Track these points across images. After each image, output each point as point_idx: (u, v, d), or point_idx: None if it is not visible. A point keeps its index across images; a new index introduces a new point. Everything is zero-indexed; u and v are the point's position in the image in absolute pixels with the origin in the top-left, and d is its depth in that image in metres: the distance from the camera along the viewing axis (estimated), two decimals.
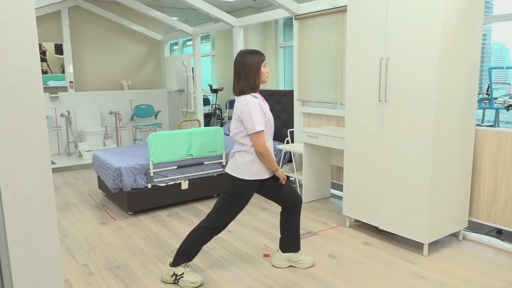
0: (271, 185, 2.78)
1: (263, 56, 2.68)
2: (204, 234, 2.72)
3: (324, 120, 4.79)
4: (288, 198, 2.81)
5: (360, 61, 3.35)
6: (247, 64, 2.60)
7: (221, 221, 2.71)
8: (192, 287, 2.69)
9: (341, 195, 4.55)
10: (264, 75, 2.67)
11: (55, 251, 1.46)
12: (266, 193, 2.81)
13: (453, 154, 3.10)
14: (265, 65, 2.67)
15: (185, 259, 2.73)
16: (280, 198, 2.81)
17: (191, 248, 2.72)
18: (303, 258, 2.94)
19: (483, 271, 2.85)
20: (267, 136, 2.67)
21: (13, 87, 1.32)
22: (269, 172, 2.72)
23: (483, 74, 4.89)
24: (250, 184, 2.68)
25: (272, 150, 2.71)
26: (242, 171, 2.64)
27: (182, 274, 2.71)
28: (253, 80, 2.61)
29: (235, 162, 2.67)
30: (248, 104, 2.55)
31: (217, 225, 2.71)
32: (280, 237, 2.94)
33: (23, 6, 1.31)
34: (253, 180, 2.67)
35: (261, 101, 2.65)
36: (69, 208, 4.37)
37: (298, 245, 2.93)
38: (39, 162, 1.38)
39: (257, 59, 2.62)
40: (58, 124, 7.04)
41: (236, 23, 6.02)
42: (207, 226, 2.70)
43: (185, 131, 4.34)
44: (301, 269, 2.91)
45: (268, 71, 2.70)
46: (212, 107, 8.73)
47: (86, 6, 7.16)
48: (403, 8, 2.99)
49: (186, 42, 10.57)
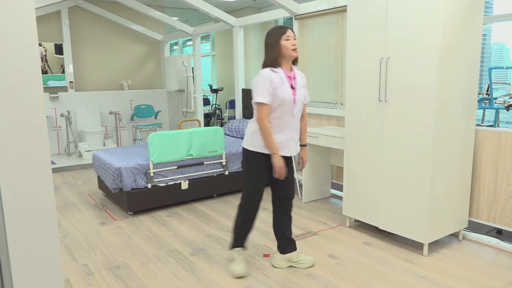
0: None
1: (284, 29, 2.61)
2: (239, 214, 2.82)
3: (324, 120, 4.79)
4: (281, 190, 2.82)
5: (360, 61, 3.35)
6: (266, 40, 2.65)
7: (245, 196, 2.78)
8: (234, 276, 2.81)
9: (341, 195, 4.55)
10: (286, 48, 2.59)
11: (55, 251, 1.46)
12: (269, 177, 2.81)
13: (453, 154, 3.10)
14: (289, 38, 2.59)
15: (238, 243, 2.85)
16: (275, 186, 2.83)
17: (236, 231, 2.85)
18: (303, 258, 2.94)
19: (483, 271, 2.85)
20: (278, 112, 2.61)
21: (13, 87, 1.32)
22: (283, 151, 2.69)
23: (483, 74, 4.89)
24: (254, 155, 2.70)
25: (289, 129, 2.66)
26: (246, 141, 2.71)
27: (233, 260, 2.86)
28: (271, 55, 2.61)
29: (246, 131, 2.76)
30: (259, 75, 2.59)
31: (243, 201, 2.78)
32: (276, 238, 2.96)
33: (23, 6, 1.31)
34: (255, 152, 2.68)
35: (281, 75, 2.60)
36: (69, 208, 4.37)
37: (293, 245, 2.93)
38: (39, 162, 1.38)
39: (275, 34, 2.60)
40: (58, 124, 7.04)
41: (236, 23, 6.02)
42: (239, 204, 2.81)
43: (185, 131, 4.34)
44: (301, 269, 2.91)
45: (295, 44, 2.61)
46: (212, 107, 8.73)
47: (86, 6, 7.16)
48: (403, 8, 2.99)
49: (186, 42, 10.57)
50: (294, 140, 2.75)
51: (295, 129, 2.73)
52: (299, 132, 2.79)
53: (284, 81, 2.60)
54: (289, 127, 2.68)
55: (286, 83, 2.61)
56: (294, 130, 2.73)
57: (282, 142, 2.68)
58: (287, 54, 2.61)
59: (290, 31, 2.62)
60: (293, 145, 2.75)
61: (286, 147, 2.70)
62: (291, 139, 2.72)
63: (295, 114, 2.68)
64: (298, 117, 2.73)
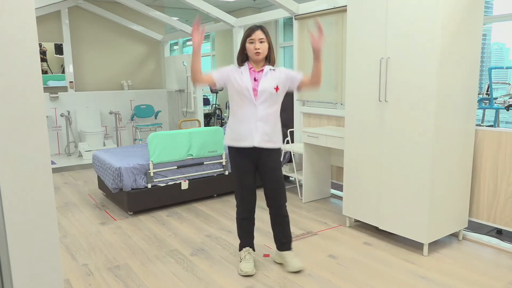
0: (262, 171, 2.80)
1: (251, 31, 2.65)
2: (236, 215, 2.91)
3: (324, 120, 4.79)
4: (267, 192, 2.83)
5: (360, 61, 3.35)
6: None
7: (235, 193, 2.88)
8: (240, 274, 2.85)
9: (341, 195, 4.55)
10: (249, 51, 2.68)
11: (55, 251, 1.46)
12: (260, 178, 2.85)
13: (453, 154, 3.10)
14: (253, 41, 2.64)
15: (243, 244, 2.93)
16: (264, 187, 2.84)
17: (239, 231, 2.94)
18: (290, 260, 2.87)
19: (483, 271, 2.85)
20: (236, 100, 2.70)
21: (13, 87, 1.32)
22: (245, 142, 2.69)
23: (483, 74, 4.89)
24: (230, 151, 2.80)
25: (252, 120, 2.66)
26: (225, 135, 2.82)
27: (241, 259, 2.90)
28: (238, 53, 2.76)
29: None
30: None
31: (236, 200, 2.88)
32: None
33: (23, 6, 1.31)
34: (230, 146, 2.78)
35: (242, 70, 2.70)
36: (69, 208, 4.37)
37: (286, 245, 2.91)
38: (39, 162, 1.38)
39: (244, 34, 2.71)
40: (58, 124, 7.04)
41: (236, 23, 6.02)
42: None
43: (185, 131, 4.34)
44: (301, 269, 2.91)
45: (258, 48, 2.63)
46: (212, 107, 8.73)
47: (86, 6, 7.16)
48: (403, 8, 2.99)
49: (186, 42, 10.56)
50: (259, 131, 2.67)
51: (261, 119, 2.66)
52: (271, 125, 2.71)
53: (244, 74, 2.69)
54: (252, 117, 2.66)
55: (246, 75, 2.69)
56: (260, 120, 2.66)
57: (244, 134, 2.68)
58: (250, 56, 2.70)
59: (257, 32, 2.63)
60: (257, 136, 2.67)
61: (248, 138, 2.68)
62: (255, 130, 2.67)
63: (258, 103, 2.65)
64: (266, 108, 2.67)
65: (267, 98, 2.67)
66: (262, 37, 2.65)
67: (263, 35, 2.65)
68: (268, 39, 2.69)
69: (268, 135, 2.71)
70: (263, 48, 2.65)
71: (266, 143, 2.71)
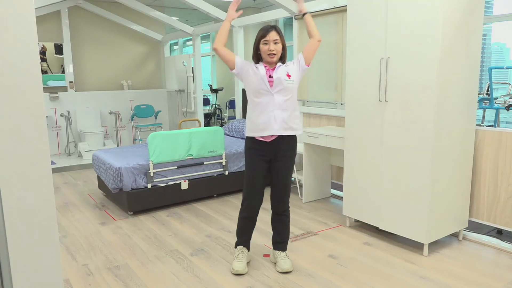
0: (274, 169, 2.79)
1: (265, 31, 2.62)
2: (239, 211, 2.88)
3: (324, 120, 4.79)
4: (272, 190, 2.84)
5: (360, 61, 3.35)
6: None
7: (243, 190, 2.84)
8: (232, 272, 2.86)
9: (341, 195, 4.55)
10: (263, 52, 2.66)
11: (55, 251, 1.46)
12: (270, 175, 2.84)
13: (453, 154, 3.10)
14: (267, 42, 2.61)
15: (239, 242, 2.92)
16: (271, 184, 2.85)
17: (237, 228, 2.94)
18: (280, 261, 2.88)
19: (483, 271, 2.85)
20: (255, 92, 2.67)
21: (13, 87, 1.32)
22: (264, 132, 2.67)
23: (483, 74, 4.89)
24: (249, 142, 2.76)
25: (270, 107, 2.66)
26: (246, 127, 2.79)
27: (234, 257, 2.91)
28: (253, 52, 2.74)
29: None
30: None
31: (242, 197, 2.84)
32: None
33: (23, 6, 1.31)
34: (249, 137, 2.75)
35: (258, 66, 2.68)
36: (69, 208, 4.37)
37: (281, 245, 2.92)
38: (39, 162, 1.38)
39: (257, 35, 2.68)
40: (58, 124, 7.04)
41: (236, 23, 6.01)
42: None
43: (185, 131, 4.34)
44: (301, 269, 2.91)
45: (272, 50, 2.61)
46: (212, 107, 8.73)
47: (86, 6, 7.16)
48: (403, 8, 2.99)
49: (186, 42, 10.57)
50: (278, 120, 2.66)
51: (279, 107, 2.66)
52: (289, 112, 2.70)
53: (259, 68, 2.68)
54: (270, 106, 2.65)
55: (262, 69, 2.68)
56: (278, 108, 2.65)
57: (263, 123, 2.67)
58: (264, 57, 2.68)
59: (271, 33, 2.61)
60: (275, 124, 2.65)
61: (268, 127, 2.66)
62: (273, 119, 2.65)
63: (275, 92, 2.64)
64: (282, 96, 2.66)
65: (283, 87, 2.67)
66: (276, 38, 2.62)
67: (278, 36, 2.62)
68: (282, 39, 2.67)
69: (287, 122, 2.70)
70: (277, 50, 2.63)
71: (286, 131, 2.70)
